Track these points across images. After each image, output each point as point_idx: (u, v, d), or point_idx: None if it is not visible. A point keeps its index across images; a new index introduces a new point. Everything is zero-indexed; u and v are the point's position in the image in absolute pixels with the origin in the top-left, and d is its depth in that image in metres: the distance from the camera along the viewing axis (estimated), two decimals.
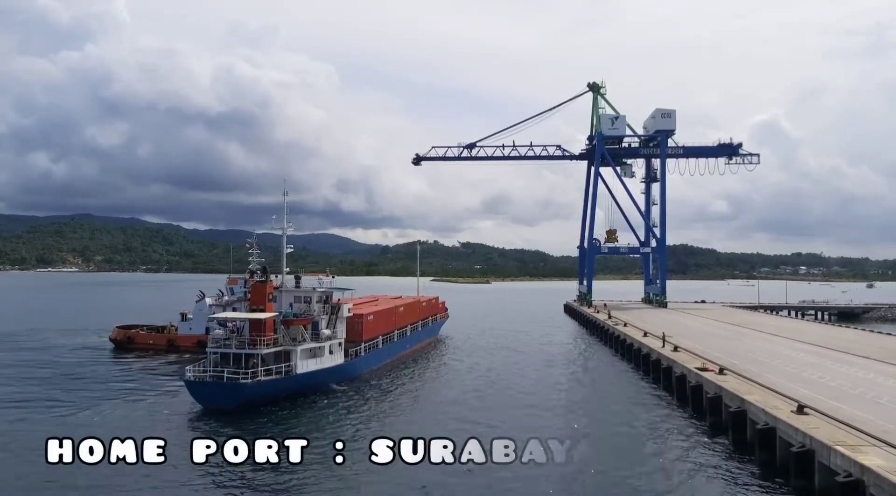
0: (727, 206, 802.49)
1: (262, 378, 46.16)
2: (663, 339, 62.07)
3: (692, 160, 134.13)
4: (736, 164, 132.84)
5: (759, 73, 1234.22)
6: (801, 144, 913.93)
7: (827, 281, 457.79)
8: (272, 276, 55.50)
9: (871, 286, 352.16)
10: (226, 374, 45.21)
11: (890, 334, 76.46)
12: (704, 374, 44.20)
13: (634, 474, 31.61)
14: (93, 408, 45.52)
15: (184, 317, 78.85)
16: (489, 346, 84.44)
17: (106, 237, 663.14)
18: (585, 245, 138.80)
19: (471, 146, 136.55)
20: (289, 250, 57.47)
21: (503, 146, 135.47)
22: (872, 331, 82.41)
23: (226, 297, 75.72)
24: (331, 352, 54.05)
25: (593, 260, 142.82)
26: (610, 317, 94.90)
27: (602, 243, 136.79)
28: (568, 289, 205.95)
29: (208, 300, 76.84)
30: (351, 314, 59.90)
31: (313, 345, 52.09)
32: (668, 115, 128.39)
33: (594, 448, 36.01)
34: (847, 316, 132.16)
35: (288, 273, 58.10)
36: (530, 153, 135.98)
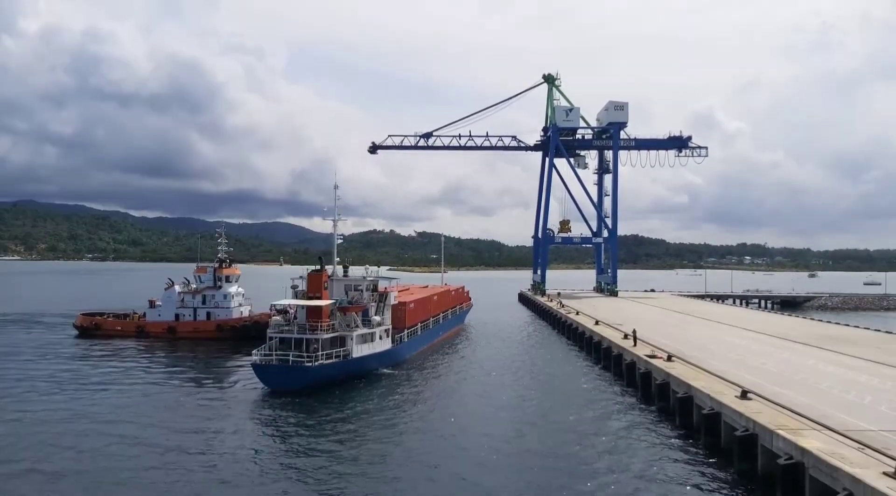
0: (677, 197, 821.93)
1: (325, 361, 48.39)
2: (635, 338, 61.58)
3: (643, 152, 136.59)
4: (686, 156, 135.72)
5: (711, 68, 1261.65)
6: (748, 137, 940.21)
7: (770, 270, 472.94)
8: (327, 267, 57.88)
9: (813, 276, 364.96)
10: (291, 358, 47.57)
11: (829, 322, 79.17)
12: (653, 361, 45.10)
13: (581, 457, 32.01)
14: (172, 395, 46.80)
15: (152, 304, 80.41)
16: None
17: (49, 224, 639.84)
18: (540, 235, 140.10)
19: (427, 135, 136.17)
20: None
21: (459, 136, 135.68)
22: (813, 319, 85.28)
23: (194, 285, 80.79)
24: (380, 338, 56.60)
25: (547, 250, 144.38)
26: (562, 306, 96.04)
27: (556, 233, 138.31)
28: (522, 278, 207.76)
29: (177, 288, 80.00)
30: (396, 302, 62.85)
31: (365, 330, 54.45)
32: (621, 107, 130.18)
33: (541, 433, 36.54)
34: (789, 304, 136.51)
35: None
36: (486, 143, 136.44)
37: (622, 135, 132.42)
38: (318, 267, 55.56)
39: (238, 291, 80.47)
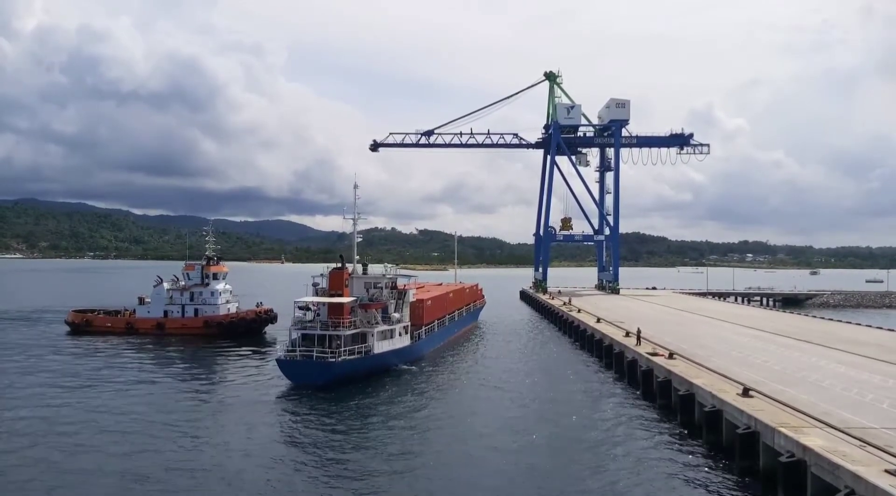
0: (679, 194, 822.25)
1: (347, 357, 49.22)
2: (638, 338, 60.09)
3: (645, 149, 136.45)
4: (687, 153, 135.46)
5: (711, 67, 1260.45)
6: (748, 135, 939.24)
7: (772, 268, 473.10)
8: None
9: (815, 273, 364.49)
10: (315, 353, 48.18)
11: (831, 320, 79.04)
12: (655, 359, 45.09)
13: (582, 454, 32.08)
14: (189, 390, 47.54)
15: (141, 301, 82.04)
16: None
17: (51, 222, 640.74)
18: (541, 233, 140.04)
19: (428, 133, 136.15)
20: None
21: (461, 134, 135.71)
22: (815, 316, 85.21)
23: (182, 282, 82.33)
24: (399, 335, 57.27)
25: (548, 247, 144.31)
26: (571, 303, 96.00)
27: (557, 231, 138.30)
28: (524, 276, 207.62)
29: (166, 285, 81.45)
30: (414, 299, 63.64)
31: (385, 327, 55.13)
32: (623, 105, 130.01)
33: (545, 430, 36.60)
34: (791, 302, 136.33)
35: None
36: (487, 141, 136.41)
37: (624, 132, 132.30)
38: (340, 264, 56.23)
39: (225, 288, 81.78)
